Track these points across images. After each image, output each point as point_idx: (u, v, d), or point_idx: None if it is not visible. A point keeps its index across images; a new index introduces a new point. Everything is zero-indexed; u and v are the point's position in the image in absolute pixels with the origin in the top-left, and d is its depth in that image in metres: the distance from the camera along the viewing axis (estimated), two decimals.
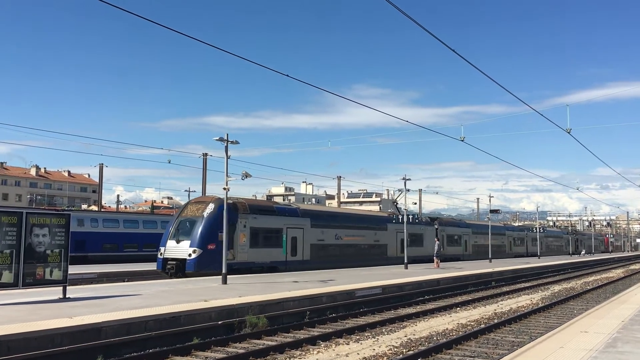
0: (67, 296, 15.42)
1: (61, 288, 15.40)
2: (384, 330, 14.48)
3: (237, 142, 22.07)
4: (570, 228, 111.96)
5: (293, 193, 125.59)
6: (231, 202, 25.91)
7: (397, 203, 46.90)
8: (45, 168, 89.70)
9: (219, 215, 24.09)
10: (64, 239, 15.19)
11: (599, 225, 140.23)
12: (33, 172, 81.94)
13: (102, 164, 55.80)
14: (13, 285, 14.03)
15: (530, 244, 70.45)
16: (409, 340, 12.91)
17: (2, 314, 12.36)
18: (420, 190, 76.87)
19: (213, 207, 26.54)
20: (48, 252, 14.76)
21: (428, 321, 16.25)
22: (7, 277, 13.84)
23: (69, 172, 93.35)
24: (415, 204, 71.26)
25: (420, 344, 12.53)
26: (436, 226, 47.45)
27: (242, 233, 27.15)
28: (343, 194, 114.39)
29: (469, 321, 16.21)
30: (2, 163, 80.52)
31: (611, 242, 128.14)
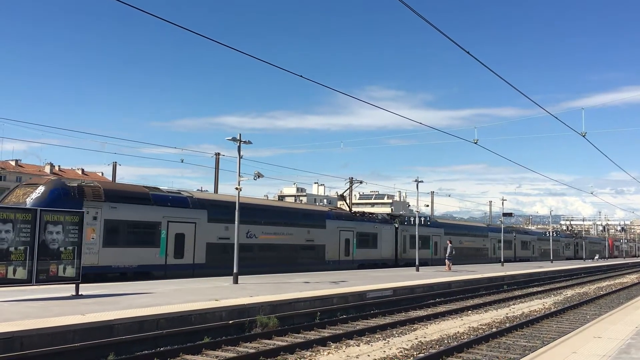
0: (79, 293, 15.54)
1: (74, 285, 15.53)
2: (394, 332, 14.43)
3: (249, 142, 22.14)
4: (568, 230, 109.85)
5: (305, 194, 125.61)
6: (75, 185, 21.94)
7: (344, 196, 41.19)
8: (59, 166, 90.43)
9: (51, 203, 19.48)
10: (78, 236, 15.32)
11: (613, 230, 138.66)
12: (47, 169, 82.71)
13: (116, 162, 56.38)
14: (27, 281, 14.18)
15: (520, 247, 64.28)
16: (420, 343, 12.85)
17: (16, 309, 12.48)
18: (432, 193, 76.66)
19: (43, 190, 20.81)
20: (61, 249, 14.90)
21: (439, 324, 16.17)
22: (21, 273, 13.99)
23: (82, 170, 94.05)
24: (427, 206, 71.01)
25: (431, 347, 12.47)
26: (396, 225, 41.46)
27: (91, 227, 21.00)
28: (355, 195, 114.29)
29: (480, 325, 16.12)
30: (17, 160, 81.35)
31: (617, 245, 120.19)
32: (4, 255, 13.66)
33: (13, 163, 78.06)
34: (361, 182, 47.16)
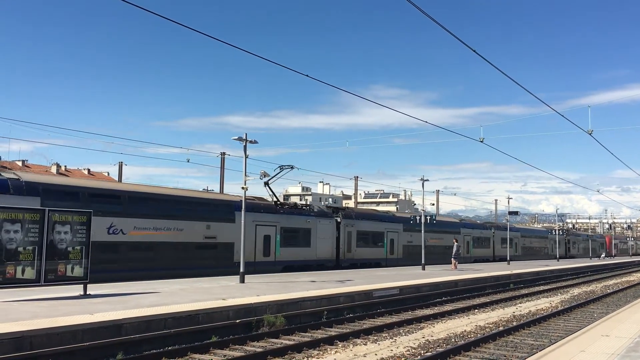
0: (87, 293, 15.62)
1: (82, 285, 15.61)
2: (401, 331, 14.44)
3: (255, 142, 22.17)
4: (574, 228, 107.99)
5: (310, 193, 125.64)
6: None
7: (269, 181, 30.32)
8: (65, 166, 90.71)
9: None
10: (85, 236, 15.40)
11: (619, 228, 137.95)
12: (54, 170, 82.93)
13: (122, 162, 56.45)
14: (35, 281, 14.26)
15: (500, 245, 56.72)
16: (427, 342, 12.86)
17: (25, 309, 12.56)
18: (437, 192, 76.60)
19: None
20: (69, 249, 14.97)
21: (446, 323, 16.18)
22: (30, 273, 14.07)
23: (88, 170, 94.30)
24: (433, 204, 70.97)
25: (438, 346, 12.47)
26: (338, 219, 34.75)
27: None
28: (360, 194, 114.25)
29: (487, 323, 16.11)
30: (23, 161, 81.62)
31: (615, 243, 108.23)
32: (12, 255, 13.75)
33: (20, 163, 78.32)
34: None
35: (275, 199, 31.61)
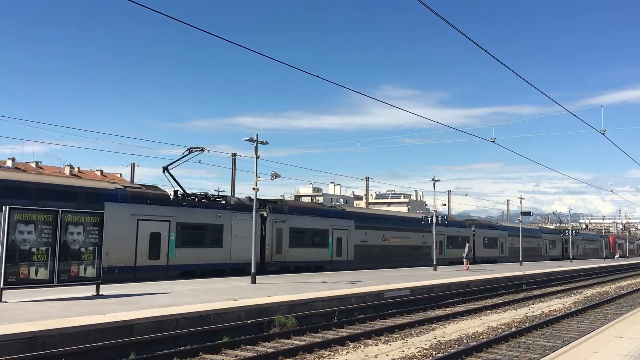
0: (100, 293, 15.72)
1: (94, 285, 15.71)
2: (412, 332, 14.40)
3: (266, 143, 22.22)
4: (587, 228, 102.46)
5: (321, 193, 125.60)
6: None
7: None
8: (79, 167, 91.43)
9: None
10: (98, 237, 15.50)
11: (634, 229, 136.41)
12: (67, 171, 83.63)
13: (134, 163, 56.84)
14: (48, 282, 14.39)
15: (482, 245, 51.24)
16: (439, 343, 12.81)
17: (38, 309, 12.67)
18: (449, 192, 76.35)
19: None
20: (82, 249, 15.09)
21: (458, 323, 16.10)
22: (43, 274, 14.20)
23: (101, 171, 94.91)
24: (445, 205, 70.75)
25: (450, 347, 12.42)
26: (264, 214, 29.15)
27: None
28: (371, 194, 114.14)
29: (499, 324, 16.01)
30: (37, 162, 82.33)
31: (620, 244, 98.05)
32: (26, 255, 13.88)
33: (34, 165, 79.05)
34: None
35: (177, 189, 26.40)
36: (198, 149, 25.62)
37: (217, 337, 12.49)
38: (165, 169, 26.08)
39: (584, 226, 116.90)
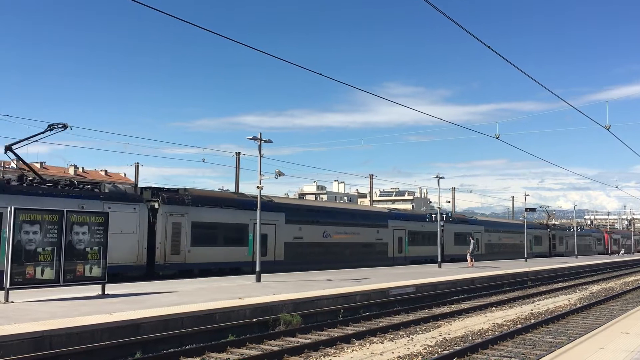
0: (106, 293, 15.77)
1: (100, 285, 15.76)
2: (418, 329, 14.40)
3: (270, 141, 22.23)
4: (593, 225, 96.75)
5: (325, 191, 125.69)
6: None
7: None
8: (83, 167, 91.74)
9: None
10: (103, 237, 15.55)
11: (639, 225, 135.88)
12: (71, 171, 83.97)
13: (138, 163, 56.82)
14: (54, 282, 14.44)
15: (453, 242, 45.10)
16: (444, 340, 12.81)
17: (45, 309, 12.71)
18: (453, 189, 76.23)
19: None
20: (87, 249, 15.13)
21: (463, 320, 16.10)
22: (49, 273, 14.25)
23: (105, 171, 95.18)
24: (449, 202, 70.63)
25: (455, 344, 12.42)
26: (156, 205, 23.96)
27: None
28: (375, 192, 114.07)
29: (505, 321, 16.00)
30: (42, 163, 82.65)
31: (615, 239, 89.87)
32: (32, 256, 13.93)
33: (38, 165, 79.43)
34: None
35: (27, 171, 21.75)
36: (60, 125, 21.10)
37: (223, 336, 12.52)
38: (9, 148, 20.50)
39: (589, 222, 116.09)
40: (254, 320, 13.88)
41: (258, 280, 21.04)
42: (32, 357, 9.46)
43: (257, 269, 21.40)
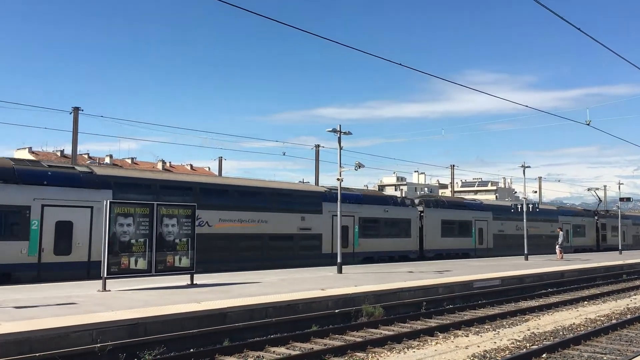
0: (194, 282, 16.40)
1: (189, 275, 16.41)
2: (504, 323, 14.00)
3: (349, 133, 22.24)
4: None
5: (405, 183, 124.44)
6: None
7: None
8: (170, 162, 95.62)
9: None
10: (191, 228, 16.16)
11: None
12: (159, 166, 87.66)
13: (221, 157, 58.44)
14: (147, 271, 15.20)
15: (439, 232, 35.17)
16: (533, 334, 12.38)
17: (138, 297, 13.40)
18: (539, 178, 73.27)
19: None
20: (177, 241, 15.79)
21: (552, 315, 15.48)
22: (142, 264, 15.01)
23: (191, 165, 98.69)
24: (535, 192, 67.98)
25: (545, 339, 11.97)
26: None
27: None
28: (457, 183, 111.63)
29: (598, 316, 15.24)
30: (133, 158, 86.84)
31: None
32: (126, 247, 14.72)
33: (129, 161, 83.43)
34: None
35: None
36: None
37: (306, 326, 12.70)
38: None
39: None
40: (336, 311, 13.98)
41: (339, 271, 21.16)
42: (129, 342, 9.99)
43: (339, 260, 21.51)
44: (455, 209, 37.44)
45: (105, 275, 14.51)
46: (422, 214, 34.16)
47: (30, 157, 61.06)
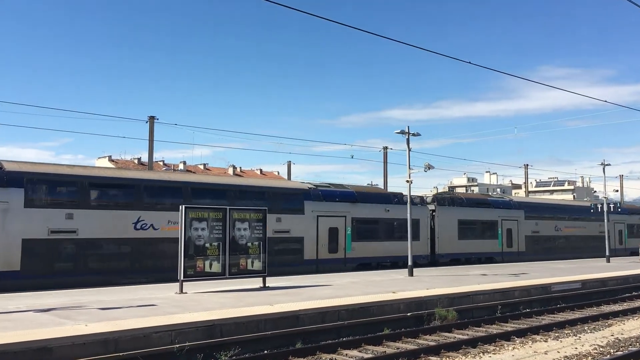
0: (266, 285, 16.69)
1: (261, 278, 16.72)
2: (586, 327, 13.42)
3: (418, 134, 22.05)
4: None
5: (476, 183, 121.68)
6: None
7: None
8: (240, 167, 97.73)
9: None
10: (262, 232, 16.46)
11: None
12: (230, 171, 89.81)
13: (290, 161, 59.10)
14: (221, 274, 15.63)
15: (457, 233, 31.47)
16: (617, 340, 11.80)
17: (214, 300, 13.77)
18: (621, 177, 69.82)
19: None
20: (249, 244, 16.14)
21: (638, 320, 14.70)
22: (216, 267, 15.44)
23: (260, 170, 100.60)
24: (617, 191, 64.76)
25: (630, 344, 11.38)
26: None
27: None
28: (531, 182, 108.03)
29: None
30: (205, 164, 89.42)
31: None
32: (201, 250, 15.18)
33: (202, 167, 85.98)
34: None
35: None
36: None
37: (378, 329, 12.64)
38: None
39: None
40: (408, 314, 13.85)
41: (410, 274, 20.96)
42: (207, 343, 10.28)
43: (409, 262, 21.32)
44: (476, 208, 33.23)
45: (181, 278, 15.00)
46: (433, 214, 30.69)
47: (111, 165, 64.09)
